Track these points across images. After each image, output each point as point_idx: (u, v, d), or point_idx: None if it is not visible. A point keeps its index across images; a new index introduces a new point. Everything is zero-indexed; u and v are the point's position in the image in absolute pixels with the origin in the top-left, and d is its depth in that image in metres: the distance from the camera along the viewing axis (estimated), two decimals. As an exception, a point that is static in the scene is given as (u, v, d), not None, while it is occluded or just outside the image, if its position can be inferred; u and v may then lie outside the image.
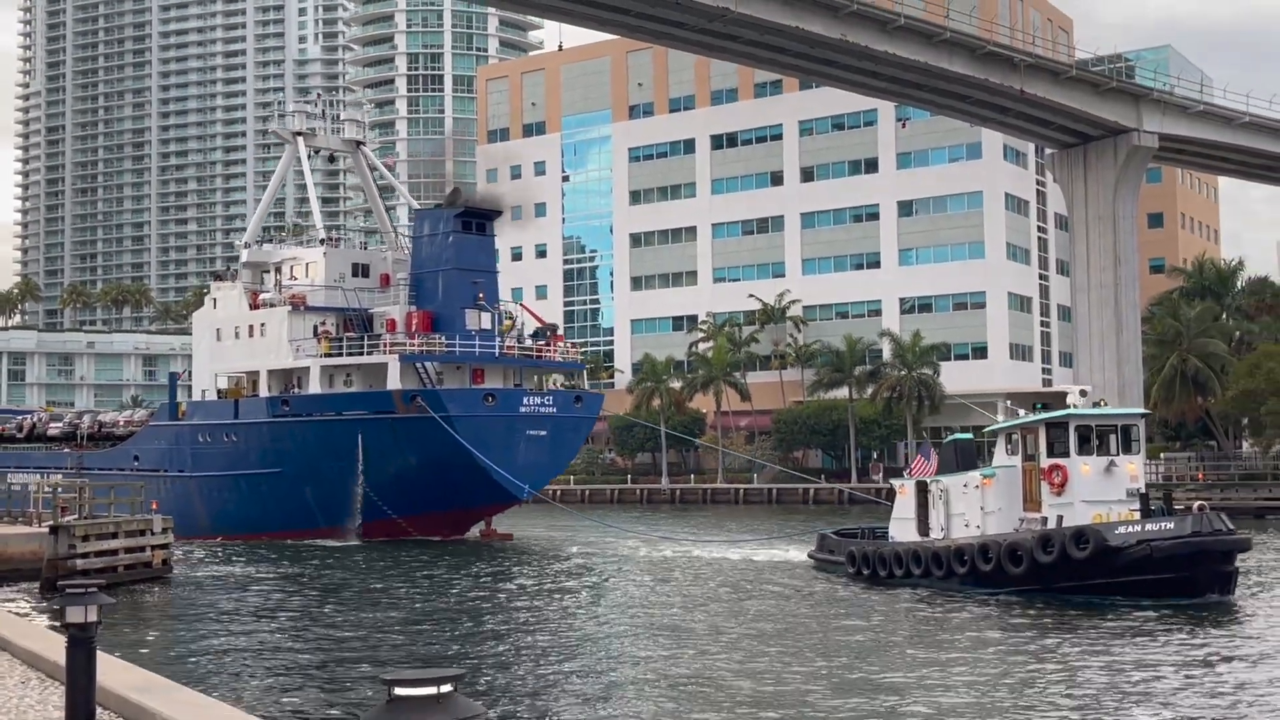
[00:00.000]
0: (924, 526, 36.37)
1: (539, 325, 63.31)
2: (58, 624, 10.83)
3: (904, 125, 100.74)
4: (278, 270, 62.97)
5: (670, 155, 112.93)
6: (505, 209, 68.38)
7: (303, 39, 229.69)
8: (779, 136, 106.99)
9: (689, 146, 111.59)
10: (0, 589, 34.57)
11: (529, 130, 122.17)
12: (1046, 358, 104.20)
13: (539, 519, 65.76)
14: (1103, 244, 75.27)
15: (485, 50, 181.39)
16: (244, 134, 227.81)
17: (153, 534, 39.24)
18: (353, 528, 54.57)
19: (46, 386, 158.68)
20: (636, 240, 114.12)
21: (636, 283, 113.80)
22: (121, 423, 70.72)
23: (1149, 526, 30.35)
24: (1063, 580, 31.05)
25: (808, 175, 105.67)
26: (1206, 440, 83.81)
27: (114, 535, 37.66)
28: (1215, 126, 77.54)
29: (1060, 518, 32.08)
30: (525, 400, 55.96)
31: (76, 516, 38.83)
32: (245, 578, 41.74)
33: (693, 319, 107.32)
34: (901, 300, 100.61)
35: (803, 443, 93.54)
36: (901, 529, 37.42)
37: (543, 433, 55.44)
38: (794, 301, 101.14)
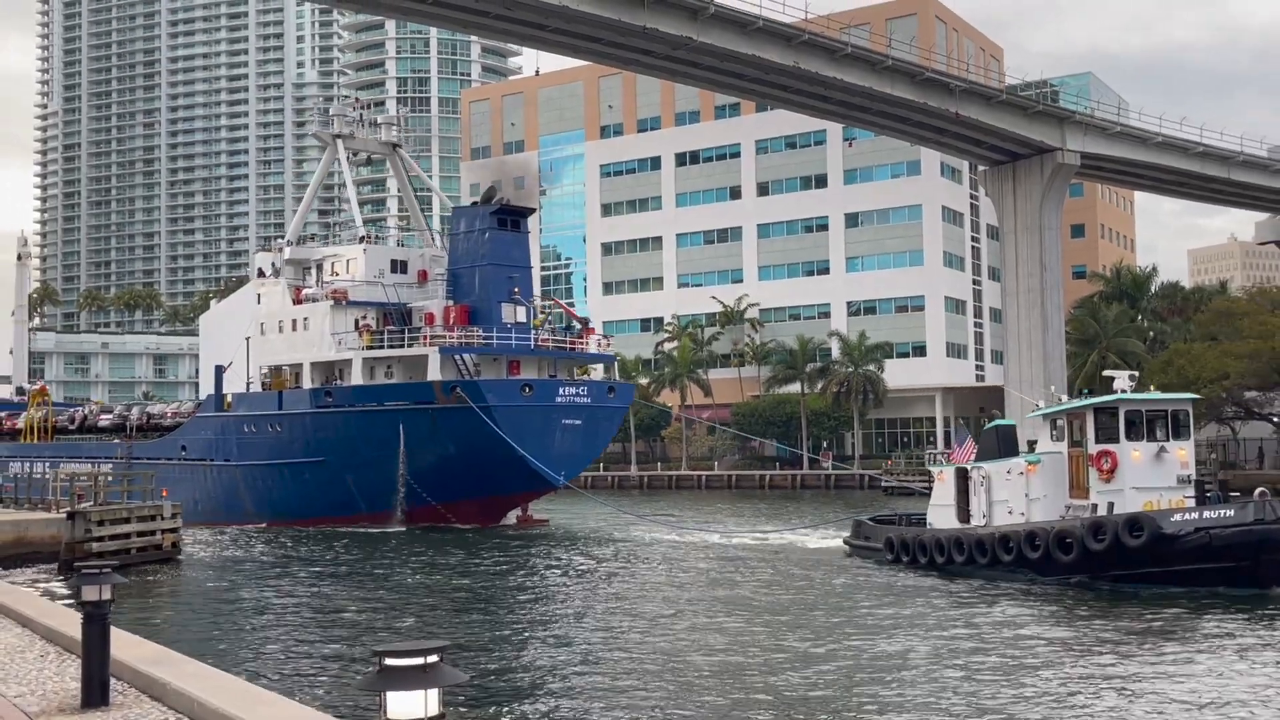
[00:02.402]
0: (964, 513, 33.26)
1: (574, 320, 61.99)
2: (75, 602, 10.74)
3: (850, 144, 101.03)
4: (319, 267, 60.38)
5: (638, 171, 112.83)
6: (538, 207, 66.31)
7: (300, 63, 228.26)
8: (737, 155, 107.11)
9: (655, 163, 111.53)
10: (22, 570, 34.24)
11: (509, 148, 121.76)
12: (980, 355, 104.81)
13: (558, 505, 62.35)
14: (1030, 252, 75.62)
15: (469, 75, 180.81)
16: (246, 150, 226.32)
17: (163, 519, 38.94)
18: (396, 514, 52.24)
19: (64, 384, 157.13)
20: (608, 249, 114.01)
21: (608, 288, 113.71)
22: (169, 414, 67.87)
23: (1207, 514, 27.11)
24: (1114, 569, 27.86)
25: (763, 190, 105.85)
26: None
27: (127, 520, 37.39)
28: (1131, 146, 77.85)
29: (1111, 504, 29.17)
30: (561, 390, 53.54)
31: (92, 503, 38.50)
32: (254, 560, 40.91)
33: (659, 321, 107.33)
34: (848, 304, 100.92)
35: (759, 433, 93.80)
36: (940, 515, 34.26)
37: (577, 422, 53.20)
38: (751, 305, 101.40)
